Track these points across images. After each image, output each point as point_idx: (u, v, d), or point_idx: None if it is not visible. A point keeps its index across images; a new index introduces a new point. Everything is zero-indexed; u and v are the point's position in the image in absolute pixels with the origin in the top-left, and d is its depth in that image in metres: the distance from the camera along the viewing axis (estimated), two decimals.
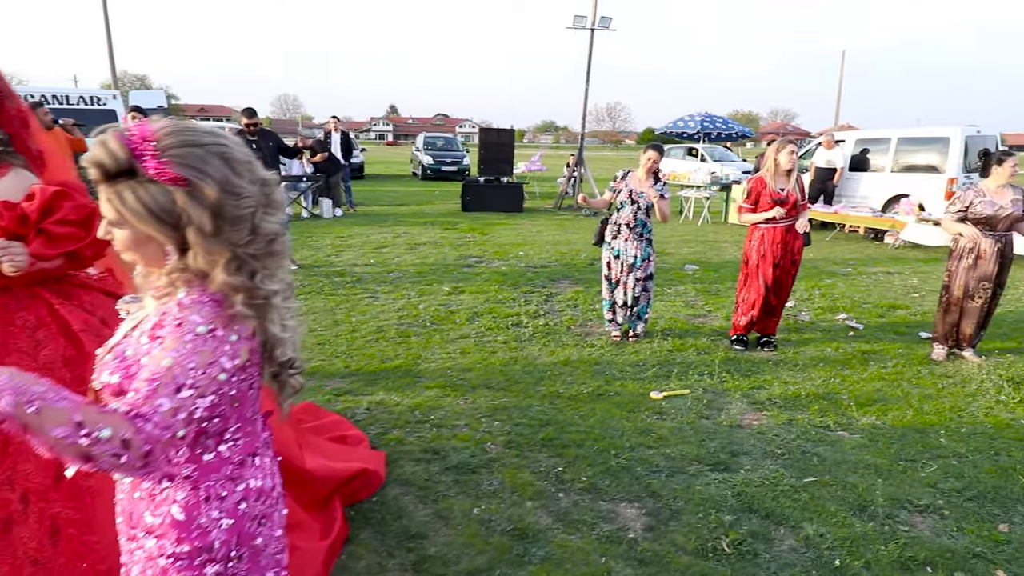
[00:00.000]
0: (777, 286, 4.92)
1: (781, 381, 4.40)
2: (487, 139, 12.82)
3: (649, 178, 5.07)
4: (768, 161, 4.84)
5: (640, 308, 5.20)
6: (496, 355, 4.76)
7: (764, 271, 4.88)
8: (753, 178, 4.96)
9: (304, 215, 11.66)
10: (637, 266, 5.08)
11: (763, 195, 4.80)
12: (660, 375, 4.45)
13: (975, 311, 4.76)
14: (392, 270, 7.44)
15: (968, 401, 4.13)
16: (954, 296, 4.79)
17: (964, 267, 4.72)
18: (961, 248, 4.73)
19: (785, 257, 4.86)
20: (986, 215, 4.63)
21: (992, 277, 4.69)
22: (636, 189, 5.02)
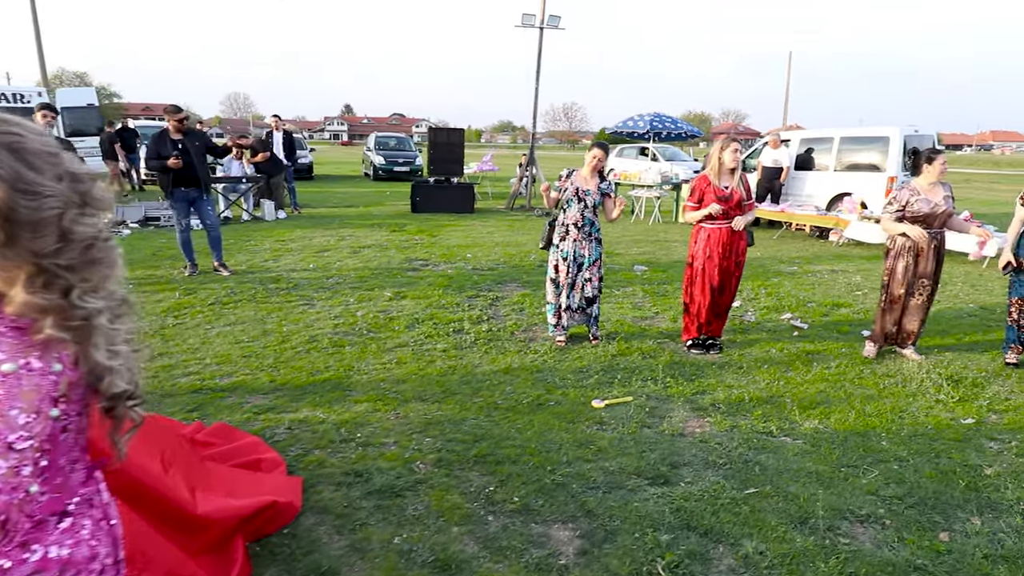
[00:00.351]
0: (722, 288, 4.84)
1: (725, 385, 4.30)
2: (436, 139, 12.55)
3: (594, 176, 4.93)
4: (712, 159, 4.75)
5: (594, 310, 5.06)
6: (434, 364, 4.54)
7: (710, 272, 4.79)
8: (697, 176, 4.87)
9: (245, 218, 11.20)
10: (587, 266, 4.94)
11: (707, 193, 4.71)
12: (603, 382, 4.30)
13: (917, 308, 4.78)
14: (332, 275, 7.13)
15: (909, 401, 4.10)
16: (895, 295, 4.79)
17: (903, 266, 4.73)
18: (900, 247, 4.74)
19: (730, 258, 4.78)
20: (924, 213, 4.64)
21: (931, 274, 4.73)
22: (582, 187, 4.87)
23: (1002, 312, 6.27)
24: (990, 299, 6.80)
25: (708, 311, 4.85)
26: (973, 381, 4.42)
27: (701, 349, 4.93)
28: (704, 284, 4.81)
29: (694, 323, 4.92)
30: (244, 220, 11.09)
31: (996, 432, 3.69)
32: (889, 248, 4.82)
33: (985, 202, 19.58)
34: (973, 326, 5.82)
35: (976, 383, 4.40)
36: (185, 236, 6.80)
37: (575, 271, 4.93)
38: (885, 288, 4.83)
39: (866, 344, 4.97)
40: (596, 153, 4.85)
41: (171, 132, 6.42)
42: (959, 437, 3.60)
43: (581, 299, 4.99)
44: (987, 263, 8.57)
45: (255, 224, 10.77)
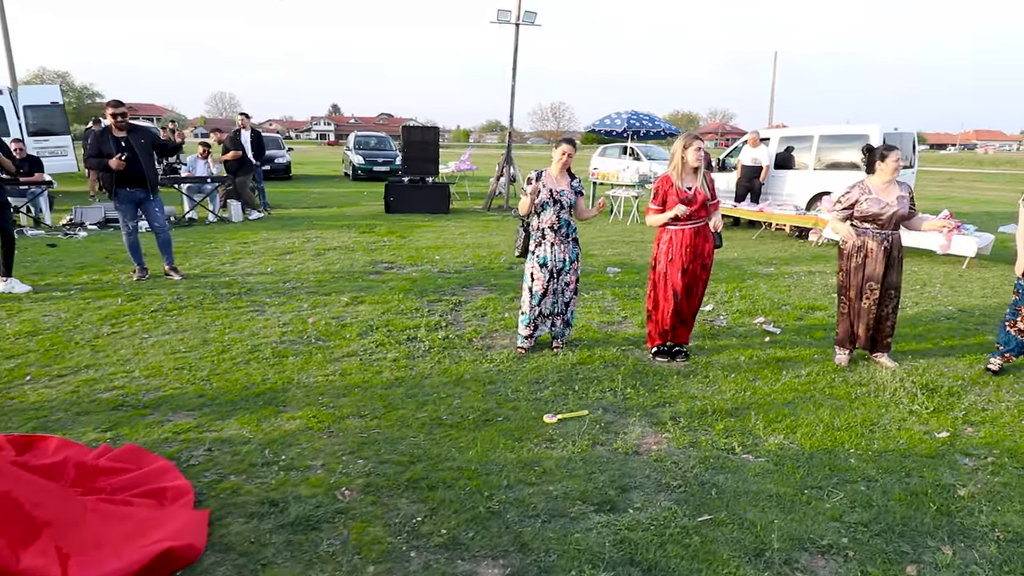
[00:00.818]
0: (687, 293, 4.59)
1: (688, 396, 4.05)
2: (410, 138, 12.25)
3: (564, 175, 4.67)
4: (675, 158, 4.50)
5: (569, 314, 4.81)
6: (381, 376, 4.26)
7: (673, 277, 4.54)
8: (659, 177, 4.62)
9: (211, 219, 10.85)
10: (567, 270, 4.68)
11: (670, 194, 4.46)
12: (558, 394, 4.03)
13: (865, 312, 4.54)
14: (290, 279, 6.82)
15: (880, 412, 3.87)
16: (849, 297, 4.58)
17: (853, 267, 4.51)
18: (850, 248, 4.53)
19: (695, 262, 4.53)
20: (871, 213, 4.42)
21: (879, 277, 4.46)
22: (555, 188, 4.61)
23: (981, 315, 6.08)
24: (969, 301, 6.61)
25: (672, 317, 4.61)
26: (949, 390, 4.20)
27: (666, 357, 4.68)
28: (667, 289, 4.57)
29: (658, 329, 4.67)
30: (210, 222, 10.74)
31: (971, 447, 3.46)
32: (842, 249, 4.61)
33: (967, 200, 19.55)
34: (951, 329, 5.61)
35: (952, 392, 4.18)
36: (132, 239, 6.47)
37: (556, 278, 4.67)
38: (842, 291, 4.63)
39: (836, 351, 4.75)
40: (565, 148, 4.58)
41: (113, 129, 6.07)
42: (932, 453, 3.37)
43: (560, 303, 4.73)
44: (967, 263, 8.40)
45: (220, 226, 10.42)
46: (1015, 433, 3.61)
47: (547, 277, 4.64)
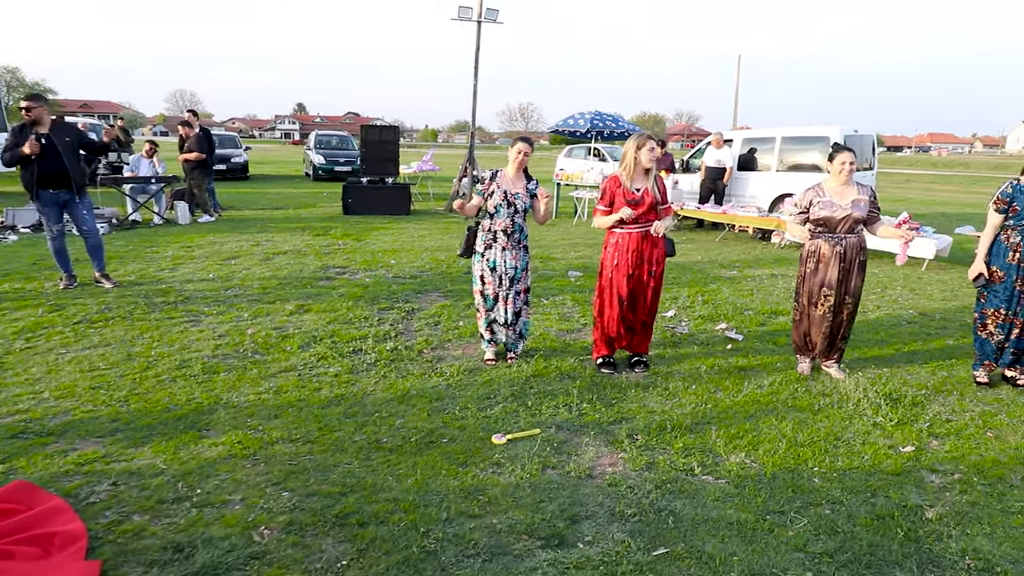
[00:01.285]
0: (633, 300, 4.37)
1: (647, 411, 3.84)
2: (368, 137, 11.87)
3: (521, 176, 4.42)
4: (627, 158, 4.28)
5: (523, 325, 4.56)
6: (319, 393, 3.95)
7: (618, 282, 4.33)
8: (608, 177, 4.40)
9: (156, 221, 10.32)
10: (517, 278, 4.43)
11: (618, 196, 4.25)
12: (510, 411, 3.78)
13: (819, 319, 4.38)
14: (232, 286, 6.43)
15: (844, 426, 3.71)
16: (803, 303, 4.44)
17: (807, 272, 4.38)
18: (806, 252, 4.39)
19: (641, 267, 4.31)
20: (822, 217, 4.28)
21: (833, 283, 4.28)
22: (511, 190, 4.35)
23: (942, 319, 6.03)
24: (930, 304, 6.57)
25: (618, 325, 4.40)
26: (913, 399, 4.07)
27: (611, 368, 4.46)
28: (612, 296, 4.36)
29: (603, 337, 4.47)
30: (155, 224, 10.21)
31: (938, 462, 3.31)
32: (800, 253, 4.47)
33: (924, 202, 19.95)
34: (913, 334, 5.52)
35: (916, 401, 4.05)
36: (58, 244, 6.01)
37: (506, 284, 4.41)
38: (796, 295, 4.49)
39: (798, 359, 4.60)
40: (520, 148, 4.33)
41: (28, 125, 5.59)
42: (898, 470, 3.21)
43: (512, 312, 4.48)
44: (926, 265, 8.42)
45: (165, 229, 9.91)
46: (980, 446, 3.48)
47: (498, 282, 4.39)
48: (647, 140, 4.23)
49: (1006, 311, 4.22)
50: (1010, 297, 4.21)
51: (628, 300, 4.34)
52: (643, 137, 4.26)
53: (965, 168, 47.27)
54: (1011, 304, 4.21)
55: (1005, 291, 4.22)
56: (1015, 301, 4.20)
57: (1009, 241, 4.19)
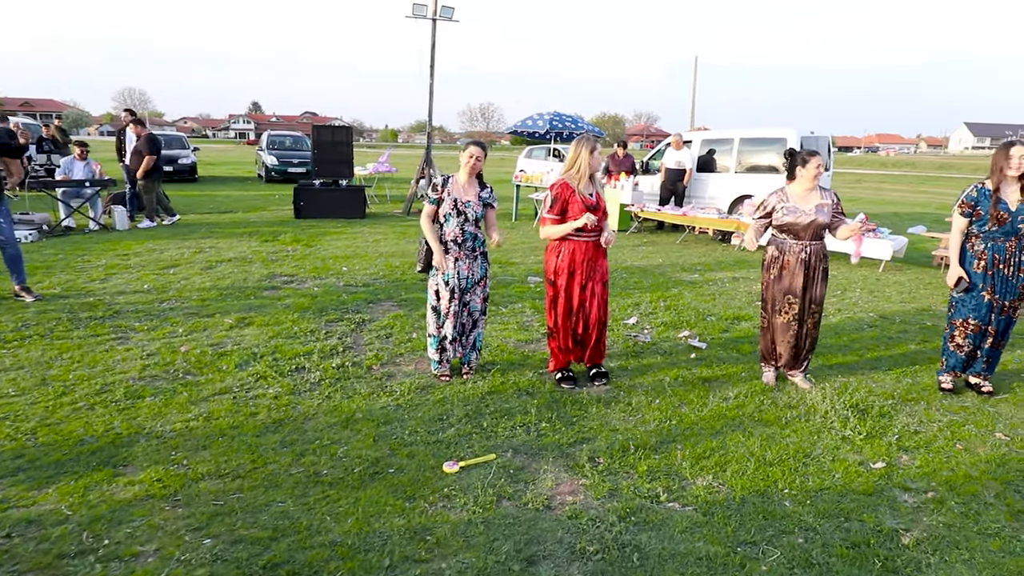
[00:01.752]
0: (586, 312, 4.17)
1: (609, 429, 3.63)
2: (320, 138, 11.43)
3: (473, 182, 4.15)
4: (579, 163, 4.04)
5: (476, 337, 4.30)
6: (255, 418, 3.62)
7: (572, 293, 4.12)
8: (556, 183, 4.16)
9: (92, 227, 9.70)
10: (468, 288, 4.16)
11: (572, 202, 4.03)
12: (463, 433, 3.52)
13: (784, 327, 4.26)
14: (168, 298, 6.00)
15: (813, 441, 3.56)
16: (767, 311, 4.31)
17: (771, 279, 4.24)
18: (769, 258, 4.26)
19: (594, 277, 4.13)
20: (786, 223, 4.15)
21: (797, 291, 4.17)
22: (462, 198, 4.08)
23: (902, 322, 6.00)
24: (889, 307, 6.55)
25: (569, 337, 4.20)
26: (880, 410, 3.96)
27: (571, 383, 4.24)
28: (565, 306, 4.15)
29: (556, 349, 4.28)
30: (90, 230, 9.60)
31: (909, 479, 3.18)
32: (763, 260, 4.34)
33: (876, 202, 20.41)
34: (875, 339, 5.46)
35: (884, 412, 3.94)
36: None
37: (458, 296, 4.15)
38: (762, 304, 4.36)
39: (762, 368, 4.47)
40: (472, 152, 4.06)
41: None
42: (870, 489, 3.06)
43: (465, 324, 4.22)
44: (883, 267, 8.47)
45: (101, 235, 9.32)
46: (951, 460, 3.37)
47: (449, 296, 4.13)
48: (595, 142, 4.03)
49: (975, 321, 4.14)
50: (978, 307, 4.12)
51: (580, 312, 4.14)
52: (590, 140, 4.05)
53: (912, 168, 48.90)
54: (980, 314, 4.12)
55: (972, 300, 4.14)
56: (986, 311, 4.11)
57: (974, 249, 4.11)
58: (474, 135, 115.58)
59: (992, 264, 4.04)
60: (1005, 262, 4.02)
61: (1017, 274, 4.04)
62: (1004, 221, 3.96)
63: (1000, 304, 4.07)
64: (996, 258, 4.03)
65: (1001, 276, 4.04)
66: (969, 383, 4.34)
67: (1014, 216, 3.95)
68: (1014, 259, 4.01)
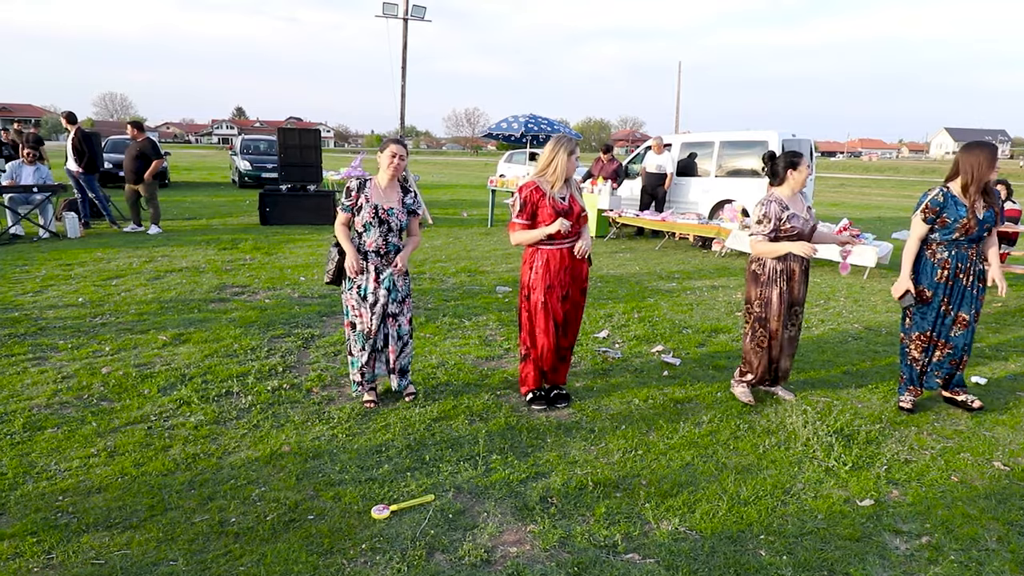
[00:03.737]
0: (567, 325, 3.83)
1: (567, 462, 3.24)
2: (286, 141, 11.00)
3: (395, 186, 3.76)
4: (555, 164, 3.69)
5: (405, 360, 3.89)
6: (167, 453, 3.19)
7: (553, 306, 3.76)
8: (525, 185, 3.79)
9: (42, 235, 9.20)
10: (393, 303, 3.77)
11: (541, 206, 3.67)
12: (401, 469, 3.11)
13: (791, 342, 4.06)
14: (104, 312, 5.54)
15: (793, 473, 3.20)
16: (772, 328, 3.95)
17: (778, 294, 3.89)
18: (772, 272, 3.89)
19: (574, 286, 3.78)
20: (798, 230, 3.84)
21: (802, 300, 4.02)
22: (383, 204, 3.69)
23: (888, 333, 5.68)
24: (875, 317, 6.23)
25: (553, 355, 3.83)
26: (867, 436, 3.60)
27: (544, 404, 3.87)
28: (548, 322, 3.78)
29: (536, 370, 3.88)
30: (40, 238, 9.10)
31: (900, 518, 2.82)
32: (758, 274, 3.95)
33: (860, 206, 20.26)
34: (860, 352, 5.13)
35: (871, 438, 3.58)
36: None
37: (378, 313, 3.76)
38: (760, 323, 3.97)
39: (735, 386, 4.12)
40: (393, 150, 3.65)
41: None
42: (857, 534, 2.69)
43: (391, 347, 3.82)
44: (868, 274, 8.18)
45: (50, 243, 8.82)
46: (946, 495, 3.02)
47: (370, 313, 3.74)
48: (571, 143, 3.67)
49: (931, 334, 3.83)
50: (936, 319, 3.81)
51: (564, 327, 3.79)
52: (572, 142, 3.69)
53: (896, 172, 49.18)
54: (936, 327, 3.81)
55: (932, 313, 3.82)
56: (939, 323, 3.80)
57: (936, 257, 3.78)
58: (460, 140, 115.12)
59: (953, 274, 3.73)
60: (965, 271, 3.74)
61: (977, 284, 3.77)
62: (971, 230, 3.66)
63: (953, 315, 3.77)
64: (959, 267, 3.73)
65: (959, 286, 3.75)
66: (956, 400, 4.00)
67: (980, 223, 3.67)
68: (974, 267, 3.74)
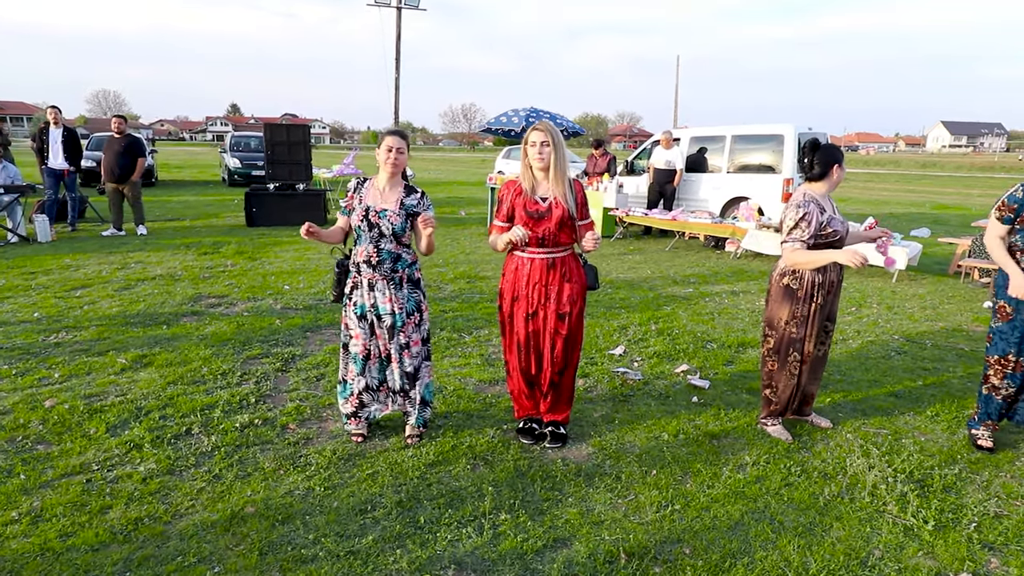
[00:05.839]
0: (537, 350, 3.24)
1: (591, 522, 2.68)
2: (274, 138, 10.40)
3: (396, 185, 3.18)
4: (523, 155, 3.18)
5: (424, 390, 3.32)
6: (104, 518, 2.62)
7: (516, 323, 3.21)
8: (508, 182, 3.24)
9: (10, 239, 8.59)
10: (399, 327, 3.19)
11: (517, 207, 3.12)
12: (388, 538, 2.54)
13: (820, 363, 3.55)
14: (61, 329, 4.96)
15: (866, 534, 2.64)
16: (808, 351, 3.39)
17: (812, 311, 3.33)
18: (810, 283, 3.31)
19: (545, 307, 3.17)
20: (840, 234, 3.29)
21: (835, 315, 3.50)
22: (375, 206, 3.12)
23: (933, 346, 5.12)
24: (914, 327, 5.67)
25: (522, 379, 3.29)
26: (944, 481, 3.05)
27: (531, 438, 3.34)
28: (512, 339, 3.25)
29: (515, 391, 3.39)
30: (8, 242, 8.49)
31: None
32: (794, 288, 3.34)
33: (868, 202, 19.71)
34: (907, 370, 4.58)
35: (948, 484, 3.03)
36: None
37: (385, 334, 3.20)
38: (794, 345, 3.38)
39: (767, 425, 3.56)
40: (389, 143, 3.08)
41: None
42: None
43: (400, 375, 3.26)
44: (897, 277, 7.63)
45: (17, 248, 8.21)
46: None
47: (368, 333, 3.18)
48: (532, 131, 3.08)
49: (1015, 357, 3.26)
50: (1021, 339, 3.24)
51: (526, 348, 3.22)
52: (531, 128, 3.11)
53: (896, 166, 48.69)
54: (1021, 349, 3.24)
55: (1014, 332, 3.25)
56: None
57: (1020, 265, 3.22)
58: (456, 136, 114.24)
59: None
60: None
61: None
62: None
63: None
64: None
65: None
66: None
67: None
68: None
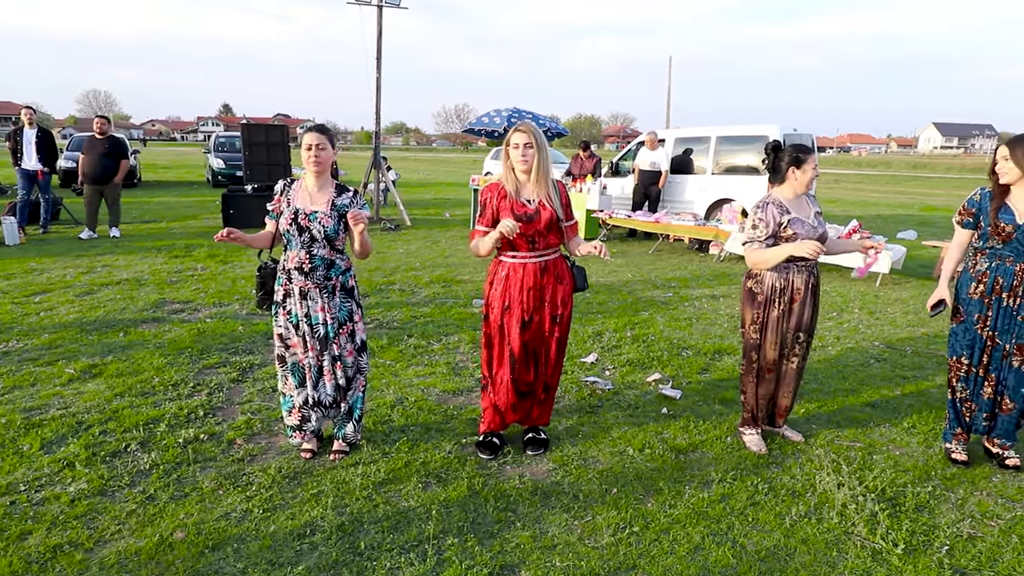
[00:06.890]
0: (530, 357, 3.13)
1: (542, 546, 2.53)
2: (252, 138, 10.20)
3: (326, 186, 3.02)
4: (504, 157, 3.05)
5: (353, 400, 3.17)
6: (22, 545, 2.45)
7: (510, 332, 3.07)
8: (490, 185, 3.11)
9: None
10: (332, 336, 3.04)
11: (502, 209, 2.99)
12: (323, 566, 2.38)
13: (793, 374, 3.34)
14: (12, 337, 4.77)
15: (832, 560, 2.50)
16: (769, 359, 3.26)
17: (774, 317, 3.20)
18: (771, 288, 3.18)
19: (541, 311, 3.07)
20: (802, 237, 3.15)
21: (806, 325, 3.25)
22: (305, 208, 2.96)
23: (914, 353, 5.00)
24: (895, 332, 5.56)
25: (511, 390, 3.14)
26: (916, 500, 2.91)
27: (490, 452, 3.20)
28: (503, 349, 3.11)
29: (492, 407, 3.22)
30: None
31: None
32: (755, 292, 3.23)
33: (857, 203, 19.66)
34: (885, 378, 4.45)
35: (921, 503, 2.89)
36: None
37: (317, 345, 3.05)
38: (752, 348, 3.28)
39: (744, 433, 3.44)
40: (309, 140, 2.90)
41: None
42: None
43: (333, 387, 3.11)
44: (880, 281, 7.52)
45: None
46: None
47: (303, 345, 3.03)
48: (514, 132, 2.97)
49: (967, 360, 3.15)
50: (972, 342, 3.12)
51: (522, 357, 3.09)
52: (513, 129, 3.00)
53: (888, 168, 48.83)
54: (974, 353, 3.13)
55: (967, 334, 3.13)
56: (979, 348, 3.11)
57: (976, 268, 3.10)
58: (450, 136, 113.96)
59: (992, 290, 3.03)
60: (1010, 290, 2.99)
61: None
62: (1009, 236, 2.95)
63: (995, 344, 3.07)
64: (999, 282, 3.01)
65: (1002, 307, 3.02)
66: (987, 450, 3.32)
67: (1021, 230, 2.93)
68: (1023, 287, 2.98)
